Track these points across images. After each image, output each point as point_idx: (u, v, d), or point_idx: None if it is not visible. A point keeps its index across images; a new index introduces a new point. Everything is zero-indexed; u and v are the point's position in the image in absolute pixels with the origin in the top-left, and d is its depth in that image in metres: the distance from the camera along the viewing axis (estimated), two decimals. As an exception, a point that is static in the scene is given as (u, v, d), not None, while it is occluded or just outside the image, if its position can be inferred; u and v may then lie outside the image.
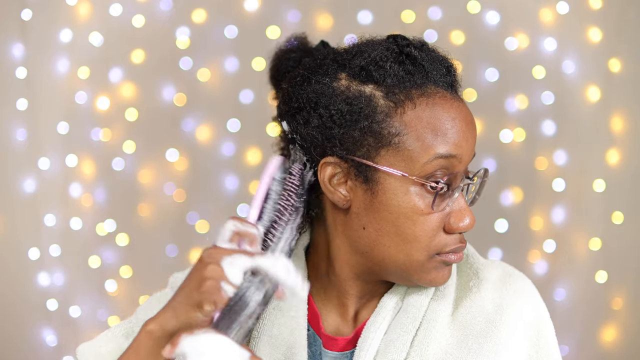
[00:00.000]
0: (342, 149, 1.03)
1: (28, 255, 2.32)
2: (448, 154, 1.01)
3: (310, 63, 1.08)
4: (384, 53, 1.03)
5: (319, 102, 1.04)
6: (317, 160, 1.05)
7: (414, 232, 1.02)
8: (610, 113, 2.27)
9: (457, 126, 1.02)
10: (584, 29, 2.26)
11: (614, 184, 2.28)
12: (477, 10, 2.28)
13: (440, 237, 1.03)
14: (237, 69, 2.32)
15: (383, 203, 1.02)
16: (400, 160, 1.01)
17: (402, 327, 1.07)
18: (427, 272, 1.05)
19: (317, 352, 1.10)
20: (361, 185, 1.03)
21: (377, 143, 1.01)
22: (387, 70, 1.02)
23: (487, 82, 2.29)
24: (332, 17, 2.31)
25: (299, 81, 1.07)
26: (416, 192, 1.01)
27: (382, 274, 1.07)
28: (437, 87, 1.04)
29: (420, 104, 1.01)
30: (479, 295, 1.10)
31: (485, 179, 1.09)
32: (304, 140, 1.06)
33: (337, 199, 1.05)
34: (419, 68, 1.03)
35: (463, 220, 1.03)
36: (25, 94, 2.30)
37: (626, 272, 2.30)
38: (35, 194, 2.32)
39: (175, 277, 1.21)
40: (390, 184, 1.01)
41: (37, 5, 2.28)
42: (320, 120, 1.04)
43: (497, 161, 2.30)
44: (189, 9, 2.31)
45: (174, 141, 2.33)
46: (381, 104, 1.02)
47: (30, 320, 2.33)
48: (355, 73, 1.04)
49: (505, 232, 2.32)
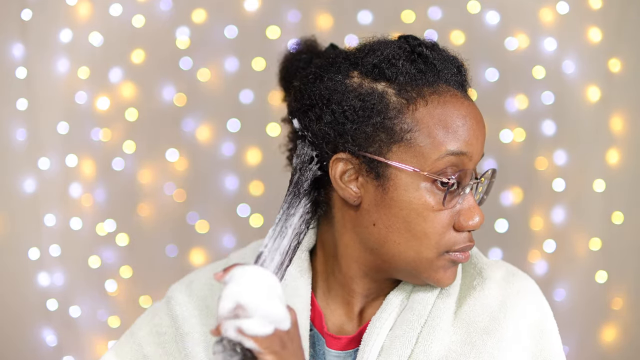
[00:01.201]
0: (354, 144, 1.04)
1: (28, 255, 2.32)
2: (459, 151, 1.03)
3: (322, 62, 1.10)
4: (396, 51, 1.05)
5: (331, 98, 1.05)
6: (328, 156, 1.06)
7: (424, 229, 1.03)
8: (610, 113, 2.27)
9: (468, 124, 1.04)
10: (584, 29, 2.26)
11: (614, 184, 2.28)
12: (477, 10, 2.28)
13: (449, 235, 1.04)
14: (237, 69, 2.31)
15: (394, 199, 1.03)
16: (412, 157, 1.02)
17: (407, 323, 1.07)
18: (436, 270, 1.06)
19: (320, 352, 1.10)
20: (372, 182, 1.04)
21: (389, 139, 1.02)
22: (400, 68, 1.03)
23: (487, 82, 2.29)
24: (332, 17, 2.30)
25: (312, 79, 1.08)
26: (427, 189, 1.02)
27: (391, 271, 1.08)
28: (448, 85, 1.05)
29: (432, 101, 1.03)
30: (482, 293, 1.10)
31: (493, 179, 1.11)
32: (315, 137, 1.07)
33: (348, 195, 1.05)
34: (431, 67, 1.05)
35: (473, 218, 1.05)
36: (25, 94, 2.29)
37: (626, 272, 2.30)
38: (35, 194, 2.31)
39: (173, 290, 1.20)
40: (402, 180, 1.02)
41: (37, 5, 2.28)
42: (332, 116, 1.04)
43: (497, 161, 2.30)
44: (189, 9, 2.31)
45: (174, 141, 2.33)
46: (393, 100, 1.03)
47: (30, 320, 2.33)
48: (368, 71, 1.05)
49: (505, 232, 2.32)
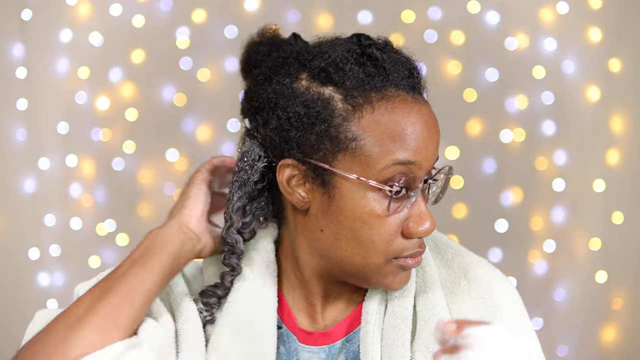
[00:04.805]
0: (299, 151, 1.02)
1: (28, 255, 2.32)
2: (407, 160, 0.99)
3: (274, 62, 1.07)
4: (345, 54, 1.01)
5: (277, 103, 1.02)
6: (276, 161, 1.04)
7: (370, 237, 1.00)
8: (610, 113, 2.27)
9: (417, 132, 0.99)
10: (584, 29, 2.26)
11: (614, 184, 2.28)
12: (477, 10, 2.28)
13: (398, 242, 1.02)
14: (237, 69, 2.29)
15: (340, 207, 1.00)
16: (358, 165, 0.99)
17: (393, 329, 1.06)
18: (385, 275, 1.04)
19: (291, 349, 1.09)
20: (319, 189, 1.02)
21: (334, 147, 1.00)
22: (347, 72, 1.00)
23: (487, 82, 2.29)
24: (332, 17, 2.30)
25: (261, 80, 1.06)
26: (373, 197, 0.99)
27: (341, 275, 1.07)
28: (397, 90, 1.01)
29: (379, 107, 0.99)
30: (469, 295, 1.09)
31: (450, 176, 1.06)
32: (264, 140, 1.05)
33: (295, 200, 1.04)
34: (380, 70, 1.01)
35: (422, 225, 1.01)
36: (25, 94, 2.29)
37: (626, 272, 2.30)
38: (35, 194, 2.31)
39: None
40: (347, 188, 1.00)
41: (37, 5, 2.28)
42: (278, 122, 1.02)
43: (497, 161, 2.30)
44: (189, 9, 2.31)
45: (174, 141, 2.33)
46: (339, 107, 1.00)
47: (30, 320, 2.32)
48: (316, 74, 1.02)
49: (505, 232, 2.31)
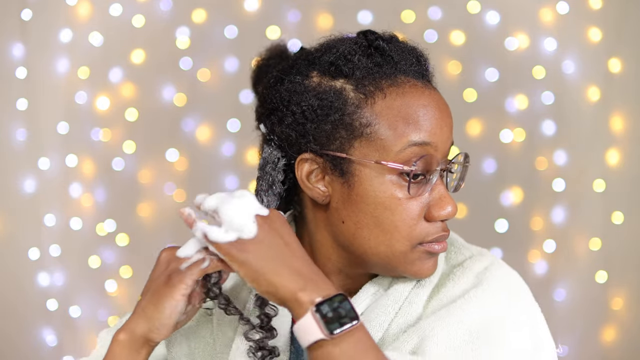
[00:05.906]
0: (315, 144, 1.04)
1: (28, 255, 2.32)
2: (422, 141, 1.01)
3: (284, 65, 1.10)
4: (352, 47, 1.04)
5: (291, 99, 1.05)
6: (294, 158, 1.06)
7: (393, 222, 1.01)
8: (610, 113, 2.27)
9: (430, 113, 1.02)
10: (584, 29, 2.26)
11: (614, 184, 2.28)
12: (477, 10, 2.28)
13: (421, 226, 1.02)
14: (237, 69, 2.31)
15: (360, 195, 1.02)
16: (374, 151, 1.01)
17: (381, 308, 1.06)
18: (411, 263, 1.04)
19: (300, 348, 1.10)
20: (338, 179, 1.03)
21: (349, 135, 1.02)
22: (356, 63, 1.03)
23: (487, 82, 2.29)
24: (332, 17, 2.30)
25: (273, 82, 1.09)
26: (392, 181, 1.01)
27: (366, 266, 1.07)
28: (407, 76, 1.04)
29: (390, 93, 1.02)
30: (454, 282, 1.07)
31: (467, 164, 1.08)
32: (280, 140, 1.07)
33: (315, 195, 1.05)
34: (388, 59, 1.03)
35: (444, 208, 1.02)
36: (25, 94, 2.29)
37: (626, 272, 2.30)
38: (35, 194, 2.31)
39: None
40: (366, 174, 1.01)
41: (37, 5, 2.28)
42: (293, 117, 1.05)
43: (497, 161, 2.30)
44: (189, 9, 2.31)
45: (174, 141, 2.33)
46: (351, 96, 1.02)
47: (30, 320, 2.33)
48: (326, 69, 1.04)
49: (505, 232, 2.32)
